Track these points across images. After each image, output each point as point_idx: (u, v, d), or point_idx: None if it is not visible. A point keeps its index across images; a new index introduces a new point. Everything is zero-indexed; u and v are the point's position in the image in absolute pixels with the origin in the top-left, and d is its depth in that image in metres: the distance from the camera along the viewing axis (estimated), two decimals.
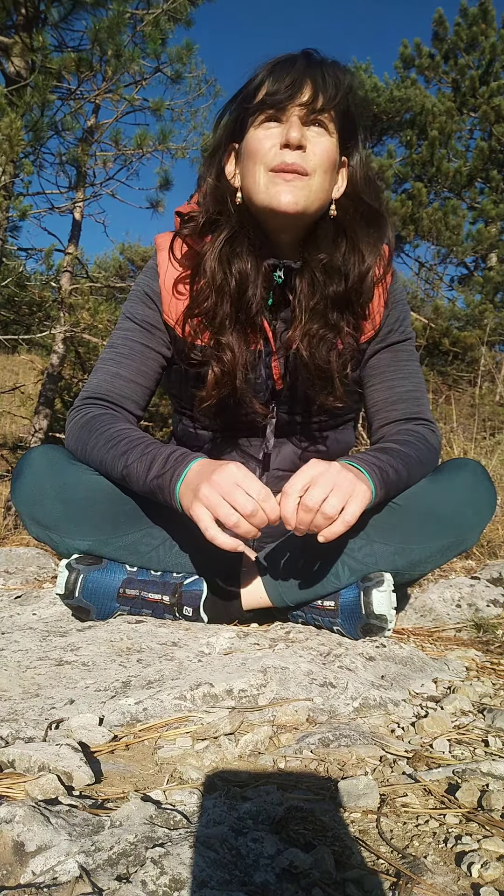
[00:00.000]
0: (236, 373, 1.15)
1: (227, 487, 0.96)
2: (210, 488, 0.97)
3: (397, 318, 1.25)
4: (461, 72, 8.40)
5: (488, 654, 1.24)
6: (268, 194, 1.08)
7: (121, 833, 0.57)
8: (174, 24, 5.00)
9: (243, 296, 1.13)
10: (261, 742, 0.80)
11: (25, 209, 4.22)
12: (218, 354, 1.14)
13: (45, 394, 5.70)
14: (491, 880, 0.56)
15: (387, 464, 1.10)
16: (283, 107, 1.06)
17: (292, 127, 1.06)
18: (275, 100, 1.06)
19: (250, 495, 0.96)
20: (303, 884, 0.53)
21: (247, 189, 1.11)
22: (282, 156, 1.06)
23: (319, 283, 1.14)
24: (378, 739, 0.82)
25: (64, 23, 4.71)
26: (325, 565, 1.17)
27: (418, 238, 7.54)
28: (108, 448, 1.13)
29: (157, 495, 1.08)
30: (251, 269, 1.12)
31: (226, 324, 1.14)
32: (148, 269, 1.25)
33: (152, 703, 0.87)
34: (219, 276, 1.12)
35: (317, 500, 0.97)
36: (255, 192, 1.10)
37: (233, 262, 1.12)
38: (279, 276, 1.15)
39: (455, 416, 4.09)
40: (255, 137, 1.08)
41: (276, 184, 1.07)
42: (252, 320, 1.15)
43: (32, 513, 1.18)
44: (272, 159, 1.07)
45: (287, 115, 1.07)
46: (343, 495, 0.98)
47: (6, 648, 1.08)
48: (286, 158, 1.06)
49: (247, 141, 1.10)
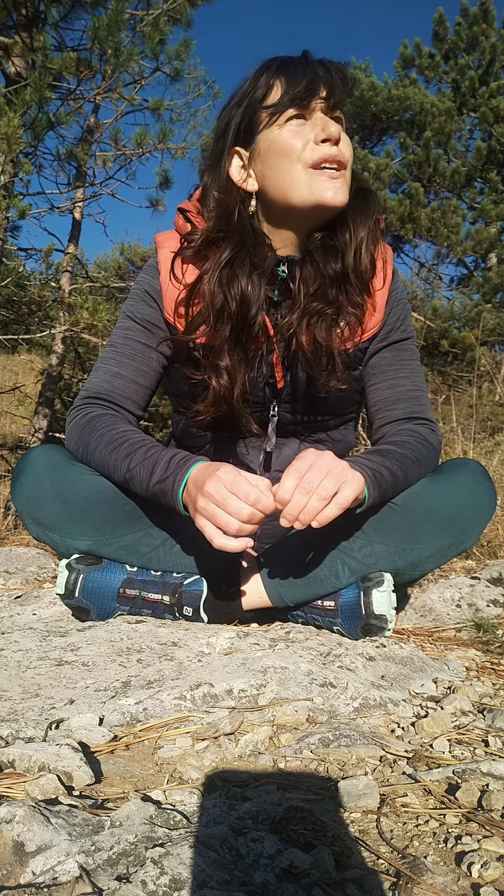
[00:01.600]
0: (233, 396, 1.15)
1: (220, 496, 0.97)
2: (205, 500, 0.98)
3: (399, 317, 1.25)
4: (461, 72, 8.40)
5: (488, 654, 1.24)
6: (312, 191, 1.08)
7: (121, 833, 0.57)
8: (173, 24, 5.00)
9: (245, 318, 1.13)
10: (261, 742, 0.80)
11: (25, 209, 4.21)
12: (216, 377, 1.15)
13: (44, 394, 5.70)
14: (491, 880, 0.56)
15: (381, 466, 1.10)
16: (306, 104, 1.07)
17: (328, 122, 1.07)
18: (298, 97, 1.07)
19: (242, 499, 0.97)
20: (303, 884, 0.53)
21: (278, 189, 1.10)
22: (320, 150, 1.07)
23: (319, 264, 1.14)
24: (378, 739, 0.82)
25: (63, 22, 4.72)
26: (325, 565, 1.17)
27: (417, 238, 7.54)
28: (109, 451, 1.13)
29: (160, 500, 1.08)
30: (252, 290, 1.12)
31: (224, 348, 1.14)
32: (148, 267, 1.25)
33: (152, 703, 0.87)
34: (218, 300, 1.12)
35: (313, 483, 0.97)
36: (293, 190, 1.09)
37: (232, 284, 1.12)
38: (283, 271, 1.15)
39: (455, 416, 4.10)
40: (283, 137, 1.08)
41: (320, 180, 1.08)
42: (255, 338, 1.15)
43: (32, 513, 1.18)
44: (311, 155, 1.07)
45: (311, 111, 1.08)
46: (337, 479, 0.98)
47: (6, 648, 1.08)
48: (330, 151, 1.07)
49: (271, 141, 1.09)
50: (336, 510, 0.98)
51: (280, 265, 1.16)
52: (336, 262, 1.14)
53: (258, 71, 1.11)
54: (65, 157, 4.94)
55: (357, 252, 1.14)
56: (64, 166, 5.08)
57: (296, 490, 0.97)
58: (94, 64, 4.47)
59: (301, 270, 1.15)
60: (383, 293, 1.22)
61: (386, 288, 1.22)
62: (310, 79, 1.07)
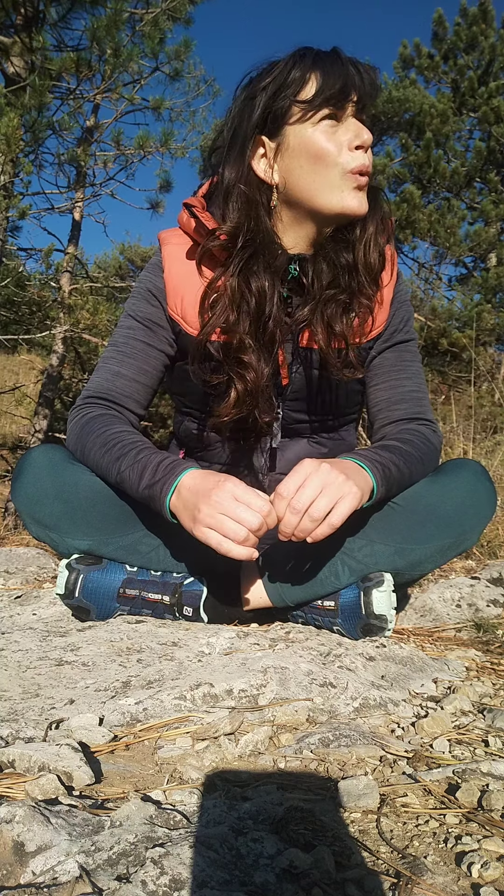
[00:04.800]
0: (259, 392, 1.14)
1: (229, 505, 0.97)
2: (211, 508, 0.97)
3: (402, 318, 1.26)
4: (461, 72, 8.40)
5: (488, 654, 1.24)
6: (341, 198, 1.08)
7: (121, 833, 0.57)
8: (173, 22, 5.00)
9: (262, 314, 1.12)
10: (261, 742, 0.80)
11: (25, 209, 4.21)
12: (241, 373, 1.13)
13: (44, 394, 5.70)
14: (491, 880, 0.56)
15: (389, 461, 1.10)
16: (342, 106, 1.06)
17: (361, 128, 1.07)
18: (334, 98, 1.05)
19: (252, 509, 0.97)
20: (303, 884, 0.53)
21: (304, 189, 1.09)
22: (357, 159, 1.07)
23: (331, 257, 1.14)
24: (378, 739, 0.82)
25: (62, 22, 4.71)
26: (324, 565, 1.17)
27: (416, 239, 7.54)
28: (102, 452, 1.13)
29: (149, 504, 1.08)
30: (268, 287, 1.12)
31: (245, 342, 1.12)
32: (152, 265, 1.24)
33: (152, 703, 0.87)
34: (238, 295, 1.11)
35: (304, 502, 0.96)
36: (321, 194, 1.08)
37: (252, 280, 1.11)
38: (294, 269, 1.15)
39: (455, 416, 4.10)
40: (317, 138, 1.06)
41: (349, 188, 1.08)
42: (271, 334, 1.14)
43: (32, 512, 1.18)
44: (349, 161, 1.06)
45: (344, 113, 1.07)
46: (332, 496, 0.97)
47: (6, 648, 1.08)
48: (363, 161, 1.07)
49: (304, 139, 1.07)
50: (328, 530, 0.98)
51: (291, 263, 1.15)
52: (348, 254, 1.14)
53: (291, 59, 1.07)
54: (65, 158, 4.94)
55: (367, 246, 1.14)
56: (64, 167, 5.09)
57: (287, 510, 0.97)
58: (94, 64, 4.47)
59: (314, 266, 1.14)
60: (390, 289, 1.22)
61: (391, 288, 1.22)
62: (345, 80, 1.05)
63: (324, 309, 1.13)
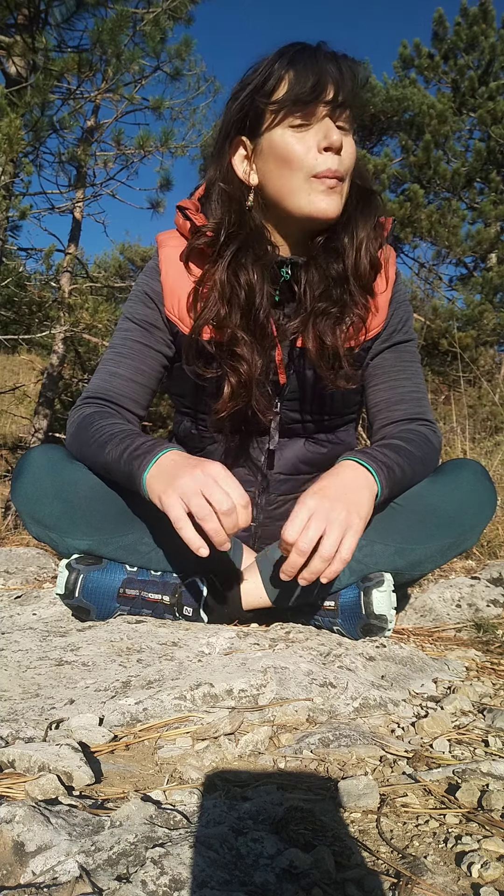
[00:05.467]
0: (253, 384, 1.14)
1: (207, 482, 0.96)
2: (190, 480, 0.97)
3: (401, 319, 1.26)
4: (461, 72, 8.40)
5: (488, 654, 1.24)
6: (309, 201, 1.07)
7: (121, 833, 0.57)
8: (174, 22, 5.01)
9: (252, 306, 1.13)
10: (261, 742, 0.80)
11: (25, 209, 4.22)
12: (234, 365, 1.14)
13: (44, 394, 5.70)
14: (491, 880, 0.56)
15: (394, 462, 1.10)
16: (311, 107, 1.04)
17: (331, 129, 1.05)
18: (302, 99, 1.03)
19: (229, 495, 0.96)
20: (303, 884, 0.53)
21: (276, 192, 1.10)
22: (325, 161, 1.05)
23: (322, 267, 1.14)
24: (378, 739, 0.82)
25: (65, 23, 4.72)
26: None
27: (417, 238, 7.54)
28: (91, 442, 1.13)
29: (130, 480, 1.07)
30: (257, 280, 1.12)
31: (237, 335, 1.13)
32: (149, 268, 1.25)
33: (152, 703, 0.87)
34: (227, 289, 1.12)
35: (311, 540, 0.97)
36: (289, 197, 1.08)
37: (240, 273, 1.12)
38: (286, 273, 1.15)
39: (455, 416, 4.10)
40: (286, 141, 1.06)
41: (318, 191, 1.07)
42: (261, 326, 1.15)
43: (32, 512, 1.18)
44: (314, 165, 1.05)
45: (316, 114, 1.05)
46: (339, 531, 0.98)
47: (6, 648, 1.08)
48: (330, 165, 1.05)
49: (273, 142, 1.07)
50: (341, 566, 0.99)
51: (284, 267, 1.15)
52: (338, 263, 1.14)
53: (272, 59, 1.07)
54: (66, 158, 4.94)
55: (357, 253, 1.14)
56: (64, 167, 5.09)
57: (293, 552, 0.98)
58: (95, 64, 4.47)
59: (306, 274, 1.15)
60: (386, 294, 1.22)
61: (389, 289, 1.22)
62: (317, 78, 1.02)
63: (315, 322, 1.14)
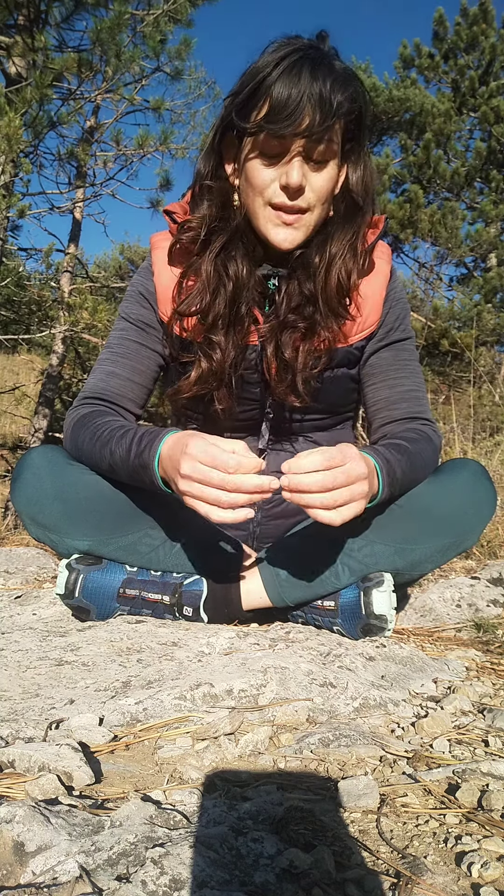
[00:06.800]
0: (223, 372, 1.15)
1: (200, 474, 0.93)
2: (186, 482, 0.94)
3: (398, 317, 1.25)
4: (461, 72, 8.40)
5: (488, 654, 1.24)
6: (266, 227, 1.09)
7: (121, 833, 0.57)
8: (174, 24, 5.01)
9: (238, 298, 1.13)
10: (261, 742, 0.80)
11: (24, 208, 4.22)
12: (208, 352, 1.15)
13: (44, 394, 5.71)
14: (491, 880, 0.56)
15: (397, 463, 1.10)
16: (284, 141, 1.01)
17: (293, 168, 1.02)
18: (273, 132, 1.00)
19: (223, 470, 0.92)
20: (303, 884, 0.53)
21: (245, 205, 1.11)
22: (279, 196, 1.05)
23: (298, 282, 1.14)
24: (378, 739, 0.82)
25: (65, 23, 4.72)
26: (324, 565, 1.17)
27: (417, 239, 7.54)
28: (93, 442, 1.13)
29: (142, 477, 1.06)
30: (246, 274, 1.13)
31: (218, 323, 1.14)
32: (143, 269, 1.26)
33: (152, 703, 0.87)
34: (213, 279, 1.12)
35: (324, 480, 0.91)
36: (252, 217, 1.10)
37: (228, 265, 1.12)
38: (273, 285, 1.16)
39: (455, 416, 4.10)
40: (254, 166, 1.06)
41: (274, 222, 1.08)
42: (242, 319, 1.15)
43: (32, 513, 1.18)
44: (271, 195, 1.06)
45: (286, 149, 1.02)
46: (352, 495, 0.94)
47: (6, 648, 1.08)
48: (286, 201, 1.05)
49: (244, 163, 1.07)
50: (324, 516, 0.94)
51: (271, 279, 1.16)
52: (310, 283, 1.14)
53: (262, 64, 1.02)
54: (65, 158, 4.94)
55: (327, 274, 1.12)
56: (64, 166, 5.10)
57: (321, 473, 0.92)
58: (95, 64, 4.47)
59: (287, 286, 1.15)
60: (381, 292, 1.22)
61: (384, 287, 1.22)
62: (294, 107, 0.97)
63: (279, 332, 1.14)
